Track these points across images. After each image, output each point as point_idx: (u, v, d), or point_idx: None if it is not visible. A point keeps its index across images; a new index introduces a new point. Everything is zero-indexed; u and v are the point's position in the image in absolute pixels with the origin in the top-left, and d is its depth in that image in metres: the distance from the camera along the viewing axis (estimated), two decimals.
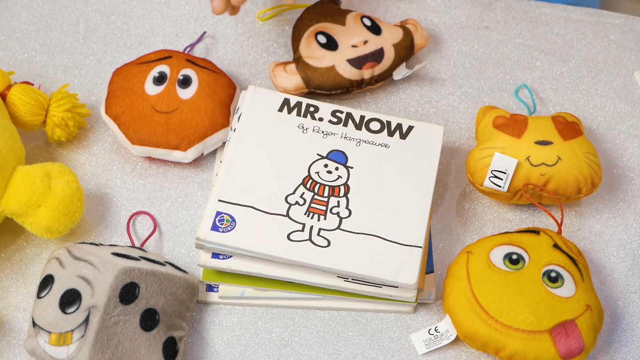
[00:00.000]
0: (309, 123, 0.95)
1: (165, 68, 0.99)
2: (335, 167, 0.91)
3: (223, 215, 0.88)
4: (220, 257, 0.87)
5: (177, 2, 1.13)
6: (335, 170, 0.91)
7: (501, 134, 0.95)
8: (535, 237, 0.90)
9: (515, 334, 0.83)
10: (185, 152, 0.96)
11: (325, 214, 0.88)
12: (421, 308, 0.91)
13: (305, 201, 0.89)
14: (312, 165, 0.91)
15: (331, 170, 0.91)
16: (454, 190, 0.99)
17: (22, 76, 1.05)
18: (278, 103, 0.96)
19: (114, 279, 0.83)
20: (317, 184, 0.90)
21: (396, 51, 1.03)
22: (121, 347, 0.82)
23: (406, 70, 1.03)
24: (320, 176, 0.91)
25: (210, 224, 0.87)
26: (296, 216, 0.88)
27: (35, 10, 1.11)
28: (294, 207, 0.88)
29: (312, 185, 0.90)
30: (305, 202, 0.89)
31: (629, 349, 0.89)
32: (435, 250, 0.94)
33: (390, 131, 0.95)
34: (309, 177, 0.91)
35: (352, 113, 0.96)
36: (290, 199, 0.89)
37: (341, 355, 0.88)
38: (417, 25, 1.06)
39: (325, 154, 0.93)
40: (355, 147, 0.93)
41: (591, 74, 1.09)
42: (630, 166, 1.02)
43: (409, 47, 1.04)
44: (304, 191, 0.90)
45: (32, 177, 0.88)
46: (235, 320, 0.90)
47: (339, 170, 0.91)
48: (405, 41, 1.04)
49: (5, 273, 0.92)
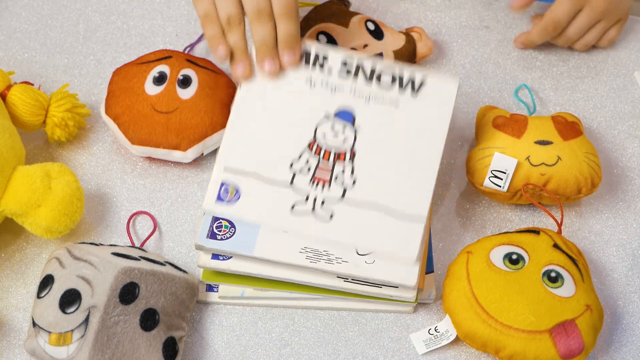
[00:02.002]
0: (317, 76, 0.91)
1: (165, 68, 0.99)
2: (343, 128, 0.90)
3: (228, 186, 0.87)
4: (220, 258, 0.87)
5: (177, 2, 1.13)
6: (342, 133, 0.90)
7: (501, 134, 0.95)
8: (535, 237, 0.90)
9: (515, 334, 0.83)
10: (185, 152, 0.96)
11: (329, 183, 0.88)
12: (421, 308, 0.91)
13: (310, 169, 0.88)
14: (319, 127, 0.90)
15: (338, 132, 0.89)
16: (454, 190, 0.99)
17: (22, 76, 1.05)
18: None
19: (114, 279, 0.83)
20: (323, 149, 0.89)
21: (396, 58, 1.02)
22: (121, 347, 0.82)
23: None
24: (327, 139, 0.89)
25: (215, 195, 0.87)
26: (300, 185, 0.87)
27: (35, 10, 1.11)
28: (298, 176, 0.88)
29: (317, 150, 0.89)
30: (310, 170, 0.88)
31: (629, 349, 0.89)
32: (435, 250, 0.94)
33: (401, 86, 0.91)
34: (315, 140, 0.89)
35: (363, 64, 0.92)
36: (295, 166, 0.88)
37: (341, 355, 0.88)
38: (422, 34, 1.05)
39: (333, 113, 0.90)
40: (363, 104, 0.91)
41: (591, 74, 1.09)
42: (630, 166, 1.02)
43: (410, 55, 1.04)
44: (308, 157, 0.88)
45: (32, 177, 0.88)
46: (235, 320, 0.90)
47: (346, 131, 0.90)
48: (406, 49, 1.03)
49: (5, 273, 0.92)
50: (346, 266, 0.86)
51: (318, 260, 0.86)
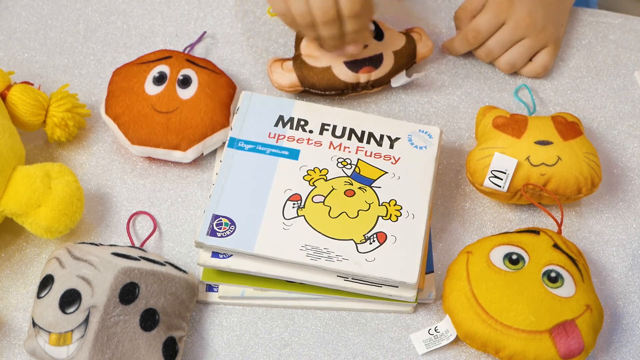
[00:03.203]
0: None
1: (165, 68, 0.99)
2: None
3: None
4: (220, 256, 0.87)
5: (177, 2, 1.13)
6: None
7: (501, 134, 0.95)
8: (535, 237, 0.90)
9: (515, 334, 0.83)
10: (185, 152, 0.96)
11: None
12: (421, 308, 0.91)
13: None
14: None
15: None
16: (454, 190, 0.99)
17: (22, 76, 1.05)
18: None
19: (113, 279, 0.83)
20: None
21: (396, 58, 1.02)
22: (121, 347, 0.82)
23: (405, 79, 1.03)
24: None
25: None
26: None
27: (35, 10, 1.11)
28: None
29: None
30: None
31: (629, 349, 0.89)
32: (435, 250, 0.94)
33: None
34: None
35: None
36: None
37: (341, 355, 0.88)
38: (422, 34, 1.05)
39: None
40: None
41: (591, 74, 1.09)
42: (630, 166, 1.02)
43: (410, 55, 1.04)
44: None
45: (32, 177, 0.88)
46: (235, 320, 0.90)
47: None
48: (406, 49, 1.03)
49: (5, 273, 0.92)
50: (347, 264, 0.86)
51: (318, 258, 0.86)
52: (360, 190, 0.91)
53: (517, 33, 1.03)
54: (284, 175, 0.91)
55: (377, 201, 0.90)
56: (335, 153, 0.93)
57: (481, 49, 1.05)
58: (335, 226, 0.88)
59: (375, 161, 0.93)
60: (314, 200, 0.90)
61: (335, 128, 0.95)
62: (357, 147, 0.94)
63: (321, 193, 0.90)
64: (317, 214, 0.89)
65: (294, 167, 0.92)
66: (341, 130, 0.95)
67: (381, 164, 0.93)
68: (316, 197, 0.90)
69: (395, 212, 0.89)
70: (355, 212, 0.89)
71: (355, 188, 0.91)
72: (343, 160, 0.93)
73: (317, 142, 0.94)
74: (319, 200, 0.90)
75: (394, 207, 0.90)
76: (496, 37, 1.04)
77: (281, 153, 0.93)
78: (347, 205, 0.90)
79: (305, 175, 0.91)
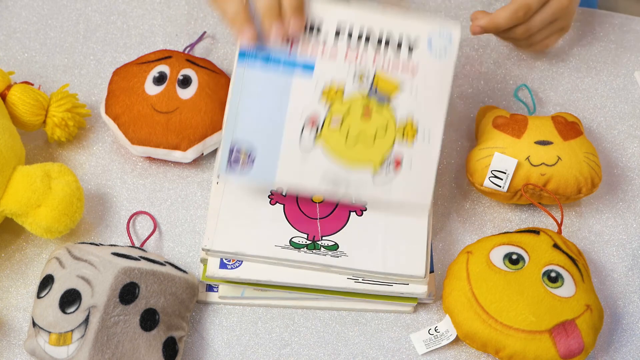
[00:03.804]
0: None
1: (165, 68, 0.99)
2: None
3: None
4: (229, 266, 0.87)
5: (177, 2, 1.13)
6: None
7: (501, 134, 0.95)
8: (535, 237, 0.90)
9: (515, 334, 0.83)
10: (185, 152, 0.96)
11: None
12: (421, 308, 0.91)
13: None
14: None
15: None
16: (454, 190, 0.99)
17: (22, 76, 1.05)
18: None
19: (114, 279, 0.83)
20: None
21: None
22: (121, 347, 0.82)
23: None
24: None
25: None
26: None
27: (35, 10, 1.11)
28: None
29: None
30: None
31: (629, 349, 0.89)
32: (435, 250, 0.94)
33: None
34: None
35: None
36: None
37: (341, 355, 0.88)
38: None
39: None
40: None
41: (591, 74, 1.09)
42: (630, 166, 1.02)
43: None
44: None
45: (32, 177, 0.88)
46: (235, 320, 0.90)
47: None
48: None
49: (5, 273, 0.92)
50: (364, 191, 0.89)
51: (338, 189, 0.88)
52: (377, 113, 0.89)
53: (558, 12, 1.02)
54: (300, 97, 0.88)
55: (393, 122, 0.89)
56: (351, 65, 0.89)
57: (523, 25, 1.02)
58: (352, 154, 0.88)
59: (393, 73, 0.89)
60: (331, 125, 0.88)
61: (352, 30, 0.89)
62: (375, 56, 0.89)
63: (338, 114, 0.88)
64: (334, 141, 0.88)
65: (309, 88, 0.88)
66: (357, 32, 0.89)
67: (399, 77, 0.89)
68: (333, 120, 0.88)
69: (411, 132, 0.89)
70: (373, 136, 0.88)
71: (372, 107, 0.88)
72: (360, 74, 0.89)
73: (332, 52, 0.88)
74: (335, 124, 0.88)
75: (411, 127, 0.89)
76: (540, 16, 1.02)
77: (295, 68, 0.88)
78: (364, 129, 0.88)
79: (320, 96, 0.88)
